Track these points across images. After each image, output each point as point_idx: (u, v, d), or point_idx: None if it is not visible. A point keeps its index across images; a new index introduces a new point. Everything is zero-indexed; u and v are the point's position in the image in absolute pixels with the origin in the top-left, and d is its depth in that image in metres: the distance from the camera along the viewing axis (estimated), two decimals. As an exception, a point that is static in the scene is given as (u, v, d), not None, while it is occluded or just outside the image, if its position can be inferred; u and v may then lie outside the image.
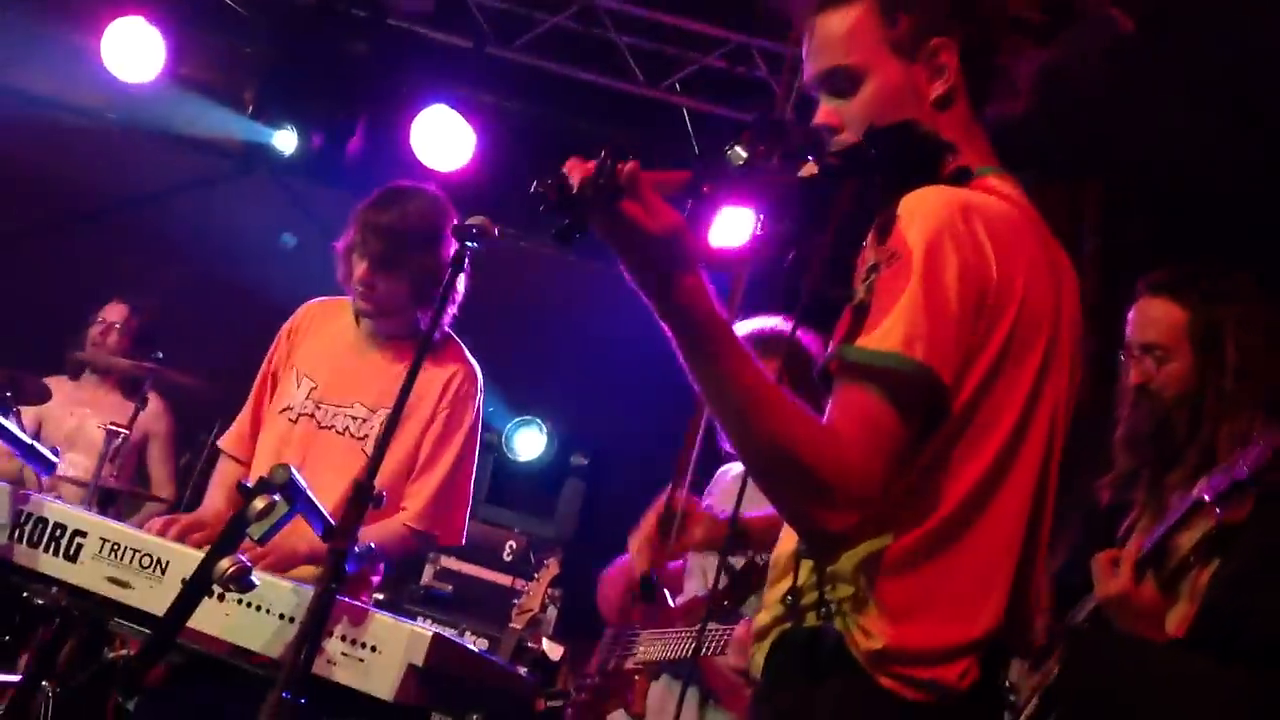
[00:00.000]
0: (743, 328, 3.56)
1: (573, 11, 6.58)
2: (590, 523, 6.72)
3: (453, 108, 6.65)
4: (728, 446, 1.89)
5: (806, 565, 1.94)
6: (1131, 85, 5.83)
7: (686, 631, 3.73)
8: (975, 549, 1.89)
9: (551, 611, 5.12)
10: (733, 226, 4.60)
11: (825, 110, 2.08)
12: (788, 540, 2.03)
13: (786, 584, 1.97)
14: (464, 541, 3.90)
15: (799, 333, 2.25)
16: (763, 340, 3.43)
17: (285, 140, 6.77)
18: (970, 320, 1.84)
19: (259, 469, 3.62)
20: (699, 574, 3.94)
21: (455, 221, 3.79)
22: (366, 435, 3.72)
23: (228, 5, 6.79)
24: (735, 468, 3.97)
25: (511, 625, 4.75)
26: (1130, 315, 3.10)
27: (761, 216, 1.94)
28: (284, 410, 3.81)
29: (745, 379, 1.76)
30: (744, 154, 1.86)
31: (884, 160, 1.91)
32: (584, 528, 6.69)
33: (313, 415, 3.77)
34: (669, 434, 4.35)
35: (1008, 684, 2.83)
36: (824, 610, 1.91)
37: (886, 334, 1.79)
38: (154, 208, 7.07)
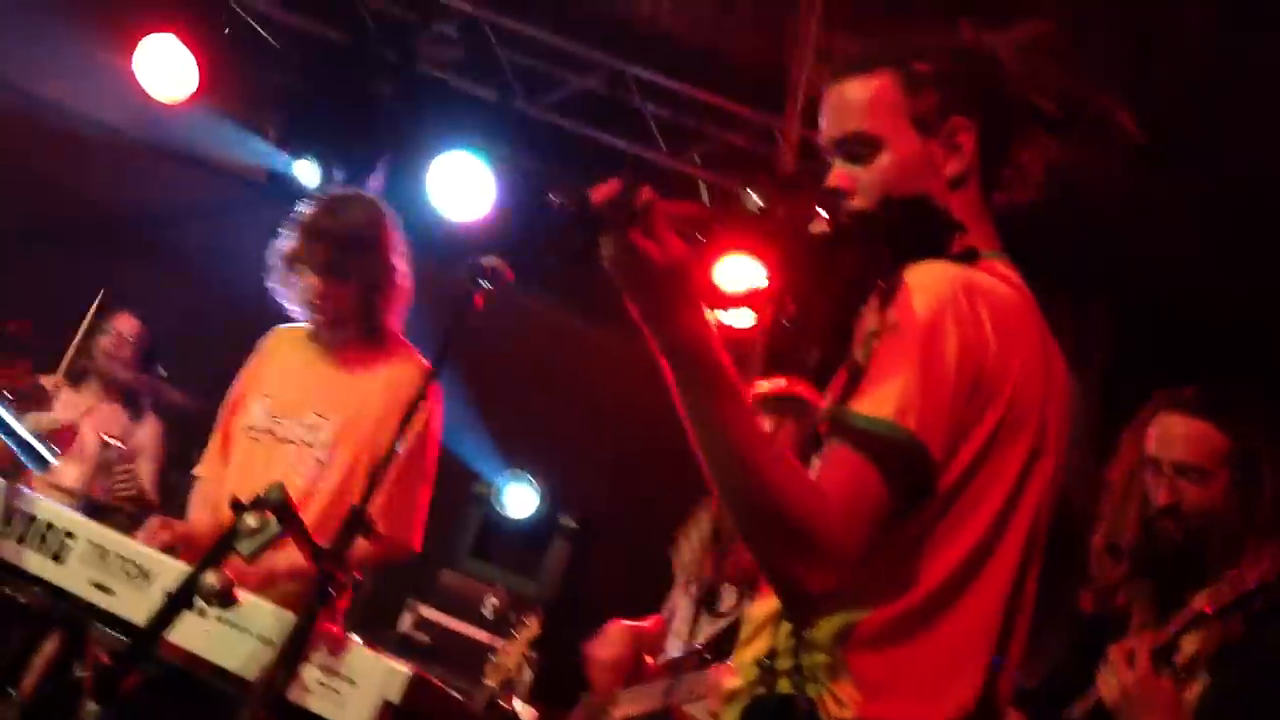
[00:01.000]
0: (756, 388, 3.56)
1: (602, 76, 6.64)
2: (574, 585, 6.66)
3: (474, 157, 6.70)
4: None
5: (784, 629, 1.92)
6: (1143, 204, 5.88)
7: (662, 682, 3.70)
8: (954, 629, 1.87)
9: (527, 673, 5.05)
10: (735, 272, 4.57)
11: (839, 173, 2.08)
12: (764, 603, 2.00)
13: (762, 645, 1.96)
14: (419, 546, 3.83)
15: (809, 394, 2.25)
16: (777, 401, 3.42)
17: (306, 171, 6.80)
18: (965, 399, 1.83)
19: (229, 487, 3.61)
20: (684, 629, 3.90)
21: (399, 228, 3.85)
22: (313, 443, 3.72)
23: (260, 34, 6.86)
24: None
25: (485, 682, 4.70)
26: (1156, 432, 3.10)
27: (767, 270, 1.94)
28: (248, 429, 3.84)
29: (739, 425, 1.74)
30: (759, 201, 1.86)
31: (895, 230, 1.92)
32: (568, 590, 6.62)
33: (270, 431, 3.81)
34: (659, 504, 4.33)
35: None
36: (798, 678, 1.88)
37: (881, 401, 1.78)
38: (170, 226, 7.10)
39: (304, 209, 3.86)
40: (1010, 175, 2.12)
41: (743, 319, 3.58)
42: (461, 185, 6.74)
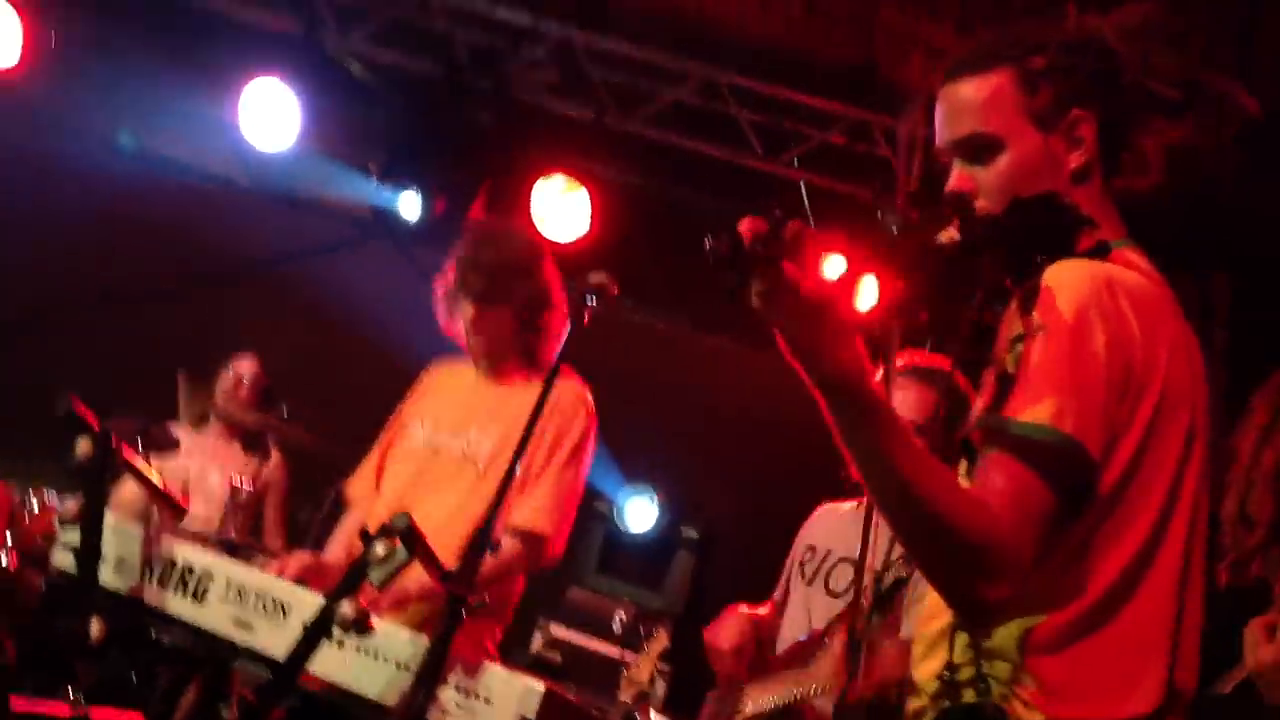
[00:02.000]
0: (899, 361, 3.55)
1: (694, 86, 6.66)
2: (699, 596, 6.66)
3: (572, 178, 6.76)
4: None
5: (961, 640, 1.93)
6: (1262, 177, 5.75)
7: (791, 675, 3.68)
8: (1132, 624, 1.86)
9: (660, 685, 5.07)
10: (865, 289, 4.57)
11: (960, 176, 2.08)
12: (936, 618, 2.01)
13: (939, 660, 1.96)
14: (562, 550, 3.88)
15: (958, 376, 2.24)
16: (918, 371, 3.41)
17: (409, 205, 6.92)
18: (1118, 395, 1.83)
19: (381, 513, 3.68)
20: (802, 609, 3.88)
21: (548, 255, 3.91)
22: (476, 455, 3.79)
23: (358, 77, 6.99)
24: (842, 506, 3.90)
25: (620, 697, 4.72)
26: None
27: (898, 281, 1.92)
28: (406, 455, 3.92)
29: (900, 453, 1.74)
30: (899, 222, 1.85)
31: (1026, 231, 1.90)
32: (693, 601, 6.63)
33: (431, 447, 3.88)
34: (779, 509, 4.32)
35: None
36: (982, 686, 1.88)
37: (1036, 404, 1.79)
38: (280, 271, 7.26)
39: (460, 243, 3.93)
40: (1130, 161, 2.10)
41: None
42: (562, 207, 6.79)
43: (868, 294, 1.90)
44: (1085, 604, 1.85)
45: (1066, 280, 1.85)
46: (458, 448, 3.84)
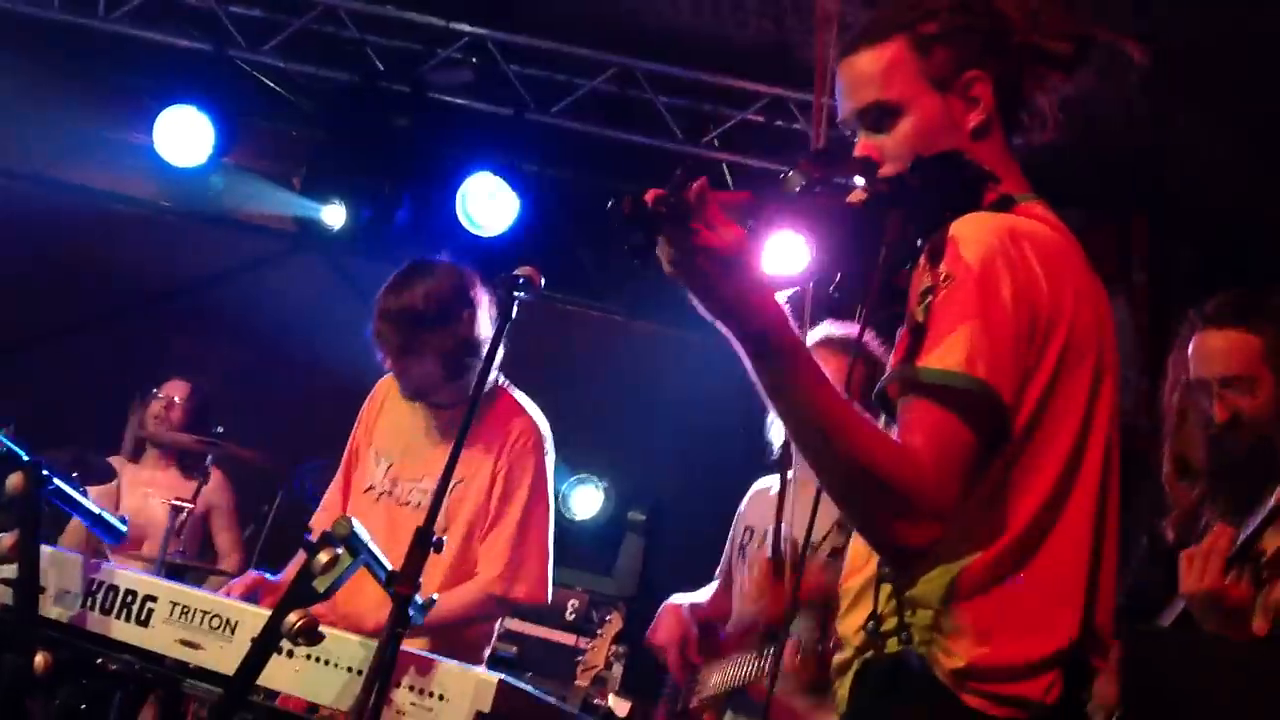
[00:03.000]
0: (812, 334, 3.60)
1: (610, 75, 6.68)
2: (650, 578, 6.70)
3: (496, 174, 6.76)
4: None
5: (885, 590, 1.97)
6: (1173, 119, 5.85)
7: (743, 656, 3.72)
8: (1048, 564, 1.91)
9: (616, 668, 5.10)
10: (780, 252, 4.61)
11: (865, 144, 2.12)
12: (860, 570, 2.05)
13: (863, 612, 2.00)
14: (548, 598, 3.90)
15: (868, 339, 2.28)
16: (833, 341, 3.45)
17: (334, 215, 6.89)
18: (1025, 341, 1.88)
19: None
20: (748, 585, 3.92)
21: (475, 287, 3.85)
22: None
23: (272, 89, 6.95)
24: (774, 485, 3.94)
25: (577, 683, 4.76)
26: (1195, 350, 3.10)
27: (810, 242, 1.96)
28: (367, 490, 3.90)
29: (821, 399, 1.79)
30: (801, 180, 1.89)
31: (930, 188, 1.95)
32: (645, 583, 6.66)
33: (391, 492, 3.86)
34: (724, 486, 4.36)
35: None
36: (904, 635, 1.93)
37: (948, 353, 1.83)
38: (209, 290, 7.22)
39: (382, 289, 3.85)
40: (1029, 119, 2.16)
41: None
42: (487, 204, 6.80)
43: (787, 257, 1.94)
44: (1002, 546, 1.90)
45: (972, 232, 1.90)
46: (416, 499, 3.83)
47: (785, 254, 1.96)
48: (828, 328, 3.55)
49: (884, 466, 1.77)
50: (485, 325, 3.85)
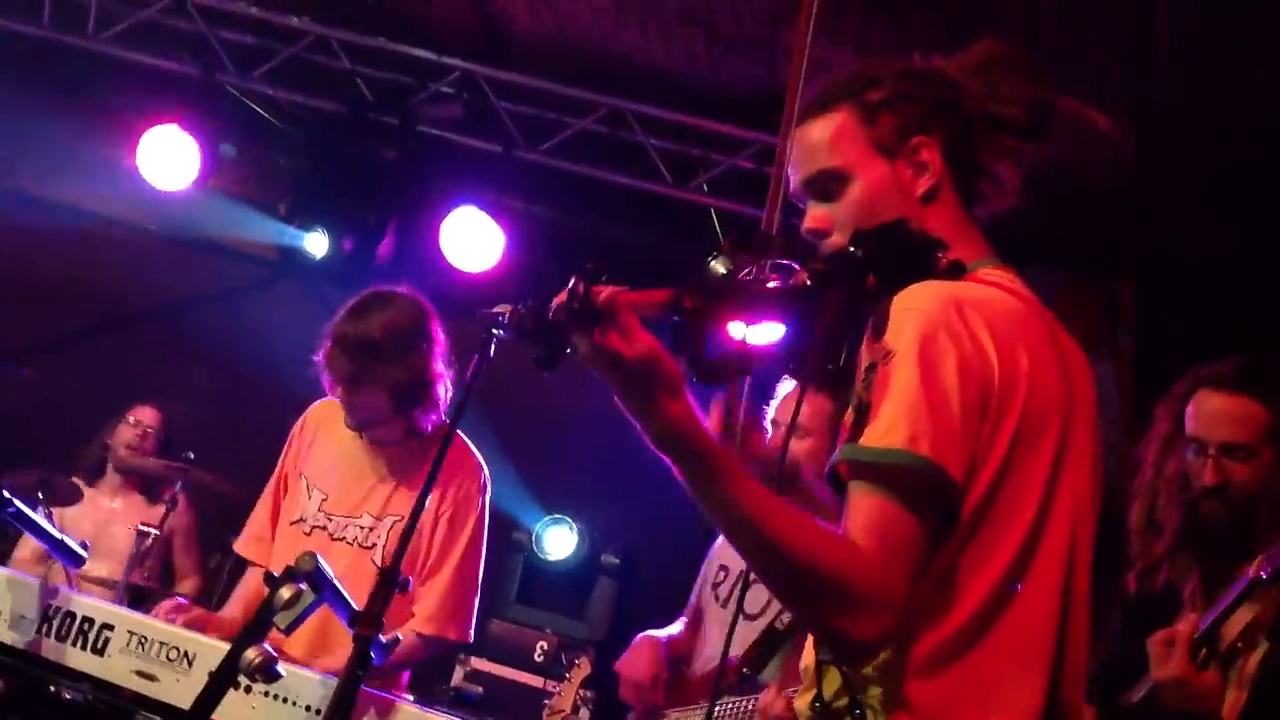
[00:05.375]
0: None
1: (600, 115, 6.69)
2: (622, 622, 6.63)
3: (482, 210, 6.74)
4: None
5: (831, 674, 1.90)
6: (1160, 185, 5.88)
7: (706, 705, 3.67)
8: (1005, 646, 1.84)
9: (584, 712, 5.05)
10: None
11: (813, 215, 2.10)
12: (811, 649, 1.99)
13: (813, 692, 1.93)
14: (471, 639, 3.86)
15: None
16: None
17: (316, 244, 6.87)
18: (975, 416, 1.80)
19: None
20: (719, 630, 3.87)
21: (432, 323, 3.80)
22: (374, 544, 3.73)
23: (260, 115, 6.94)
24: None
25: (544, 727, 4.69)
26: (1195, 411, 3.08)
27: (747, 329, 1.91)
28: (296, 522, 3.82)
29: (746, 499, 1.73)
30: (724, 267, 1.82)
31: (874, 261, 1.88)
32: (615, 627, 6.59)
33: (324, 527, 3.79)
34: (698, 533, 4.32)
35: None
36: (858, 713, 1.85)
37: (889, 430, 1.76)
38: (187, 314, 7.17)
39: (337, 315, 3.80)
40: (987, 187, 2.13)
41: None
42: (472, 239, 6.77)
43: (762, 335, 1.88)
44: (955, 626, 1.82)
45: (914, 303, 1.84)
46: (351, 535, 3.77)
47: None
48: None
49: (822, 561, 1.70)
50: (439, 362, 3.81)
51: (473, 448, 3.88)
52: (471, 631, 3.84)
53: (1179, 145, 5.51)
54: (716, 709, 3.60)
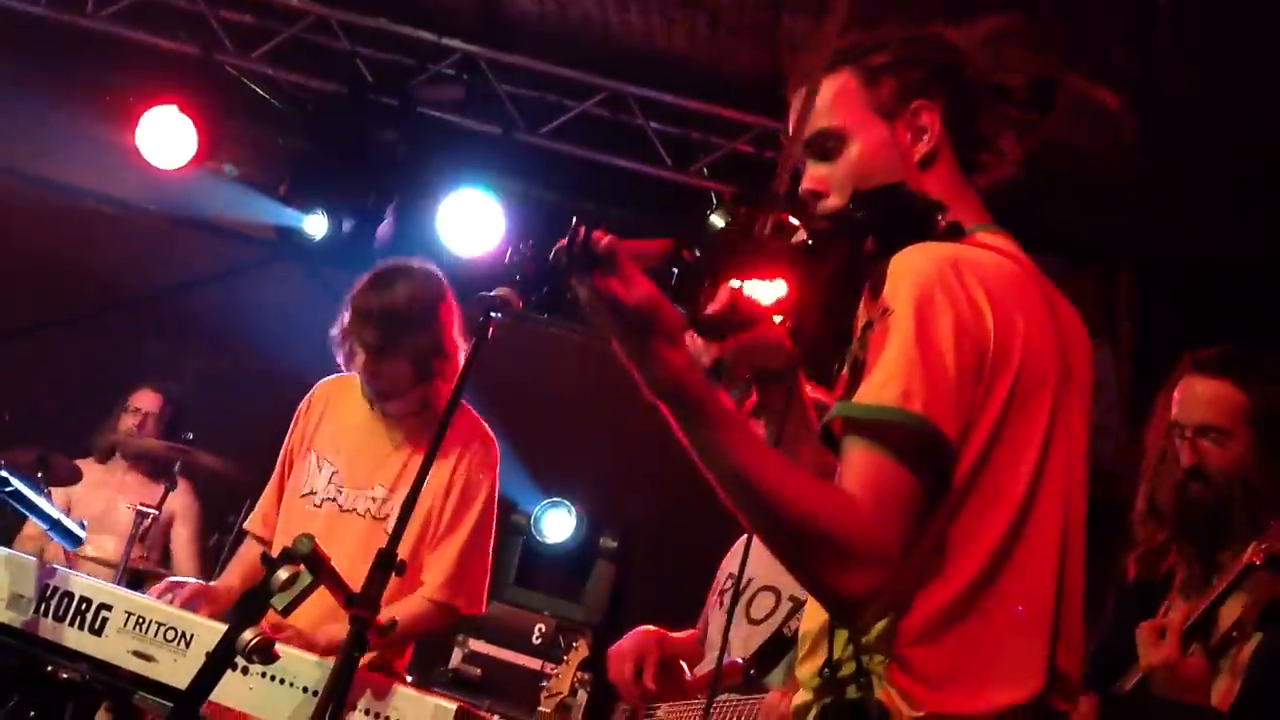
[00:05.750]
0: None
1: (601, 98, 6.67)
2: (619, 605, 6.66)
3: (481, 192, 6.73)
4: None
5: (841, 637, 1.90)
6: (1162, 173, 5.87)
7: (705, 700, 3.67)
8: (1003, 613, 1.84)
9: (581, 695, 5.05)
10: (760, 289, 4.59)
11: (811, 175, 2.10)
12: (816, 614, 1.98)
13: (820, 658, 1.93)
14: (485, 610, 3.88)
15: (810, 389, 2.22)
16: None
17: (316, 225, 6.86)
18: (970, 377, 1.80)
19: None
20: (722, 636, 3.88)
21: (449, 294, 3.86)
22: (387, 515, 3.74)
23: (260, 95, 6.92)
24: None
25: (540, 709, 4.69)
26: (1179, 395, 3.11)
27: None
28: (306, 495, 3.84)
29: (740, 448, 1.74)
30: (723, 220, 1.84)
31: (873, 222, 1.90)
32: (613, 610, 6.62)
33: (335, 500, 3.81)
34: (697, 516, 4.32)
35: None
36: (863, 680, 1.85)
37: (883, 387, 1.76)
38: (186, 294, 7.16)
39: (357, 284, 3.86)
40: (987, 157, 2.13)
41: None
42: (471, 222, 6.76)
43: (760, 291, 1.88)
44: (953, 592, 1.82)
45: (911, 264, 1.84)
46: (363, 506, 3.79)
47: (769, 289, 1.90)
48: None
49: (815, 513, 1.70)
50: (457, 332, 3.86)
51: (483, 421, 3.89)
52: (484, 603, 3.86)
53: (1181, 133, 5.50)
54: (715, 704, 3.60)
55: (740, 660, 3.54)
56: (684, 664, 3.84)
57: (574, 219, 1.69)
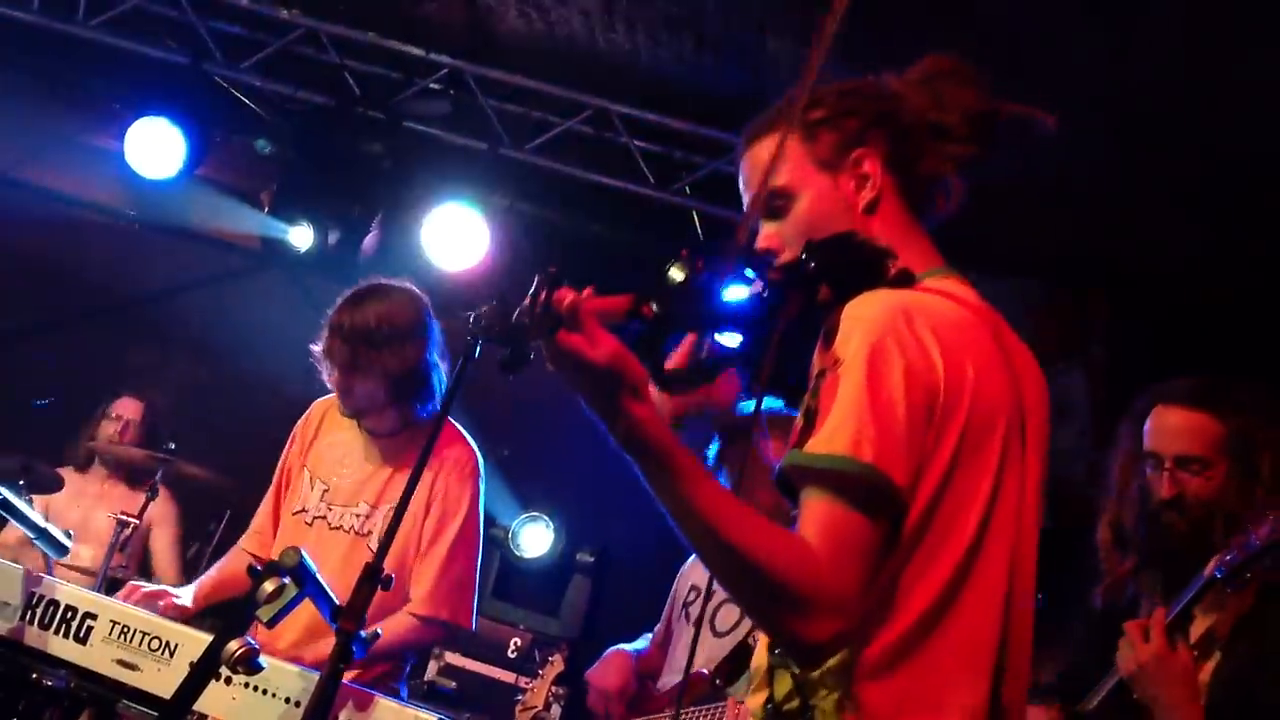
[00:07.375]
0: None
1: (586, 116, 6.72)
2: (596, 620, 6.68)
3: (466, 207, 6.77)
4: None
5: (783, 677, 1.93)
6: (1134, 195, 5.93)
7: (673, 715, 3.72)
8: (950, 649, 1.88)
9: (555, 709, 5.09)
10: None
11: (765, 235, 2.15)
12: (764, 651, 2.02)
13: (765, 694, 1.97)
14: (474, 626, 3.91)
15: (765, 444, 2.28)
16: (776, 421, 3.45)
17: (301, 236, 6.88)
18: (920, 424, 1.84)
19: None
20: (684, 646, 3.92)
21: (426, 315, 3.89)
22: (369, 531, 3.79)
23: (247, 106, 6.95)
24: None
25: (515, 721, 4.73)
26: (1153, 425, 3.13)
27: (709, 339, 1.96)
28: (298, 512, 3.89)
29: (705, 500, 1.77)
30: (681, 274, 1.83)
31: (824, 272, 1.93)
32: (589, 625, 6.63)
33: (324, 517, 3.86)
34: (674, 533, 4.36)
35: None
36: (809, 716, 1.89)
37: (833, 436, 1.80)
38: (170, 303, 7.18)
39: (336, 305, 3.89)
40: (933, 193, 2.19)
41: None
42: (456, 237, 6.80)
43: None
44: (902, 629, 1.86)
45: (863, 313, 1.88)
46: (349, 523, 3.84)
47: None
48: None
49: (776, 563, 1.74)
50: (434, 353, 3.88)
51: (466, 435, 3.94)
52: (471, 617, 3.89)
53: (1154, 154, 5.56)
54: (683, 716, 3.64)
55: (705, 672, 3.59)
56: (650, 681, 3.91)
57: (536, 279, 1.71)
